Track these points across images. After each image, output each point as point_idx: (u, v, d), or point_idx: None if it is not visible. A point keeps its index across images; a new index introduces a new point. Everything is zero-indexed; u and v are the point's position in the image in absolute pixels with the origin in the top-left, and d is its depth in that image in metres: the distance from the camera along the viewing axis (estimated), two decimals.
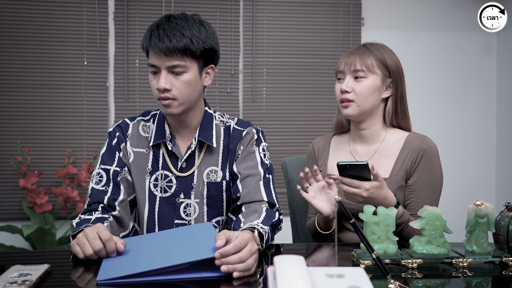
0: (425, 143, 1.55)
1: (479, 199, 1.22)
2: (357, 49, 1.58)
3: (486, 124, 3.52)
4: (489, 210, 1.17)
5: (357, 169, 1.33)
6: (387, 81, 1.56)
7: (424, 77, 3.44)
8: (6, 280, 0.98)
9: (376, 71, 1.54)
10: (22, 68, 3.06)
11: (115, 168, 1.45)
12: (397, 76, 1.57)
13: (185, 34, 1.37)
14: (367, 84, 1.53)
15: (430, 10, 3.43)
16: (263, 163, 1.50)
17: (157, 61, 1.38)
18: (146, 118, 1.54)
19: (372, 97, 1.54)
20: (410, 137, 1.58)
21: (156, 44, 1.36)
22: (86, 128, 3.12)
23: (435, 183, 1.54)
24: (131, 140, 1.49)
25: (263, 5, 3.27)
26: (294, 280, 0.78)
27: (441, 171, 1.58)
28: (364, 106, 1.54)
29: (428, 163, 1.53)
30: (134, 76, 3.15)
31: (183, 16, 1.45)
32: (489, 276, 1.12)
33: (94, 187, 1.43)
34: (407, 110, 1.63)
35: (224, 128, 1.54)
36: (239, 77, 3.25)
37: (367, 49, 1.56)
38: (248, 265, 1.04)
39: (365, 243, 0.99)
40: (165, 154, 1.48)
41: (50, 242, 2.81)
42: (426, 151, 1.54)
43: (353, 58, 1.55)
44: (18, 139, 3.03)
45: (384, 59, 1.55)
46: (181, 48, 1.36)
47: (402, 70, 1.60)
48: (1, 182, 3.04)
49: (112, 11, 3.14)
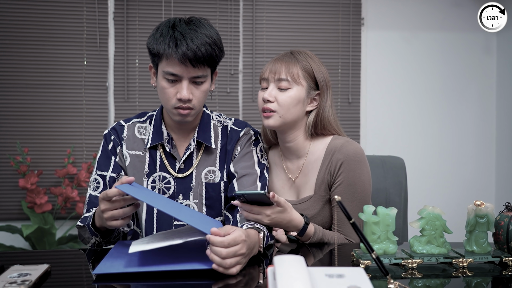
0: (342, 152, 1.45)
1: (479, 199, 1.22)
2: (283, 56, 1.50)
3: (486, 124, 3.52)
4: (489, 210, 1.17)
5: (256, 198, 1.24)
6: (313, 93, 1.49)
7: (423, 77, 3.44)
8: (5, 280, 0.98)
9: (302, 82, 1.46)
10: (21, 68, 3.06)
11: (110, 174, 1.45)
12: (324, 88, 1.50)
13: (210, 44, 1.33)
14: (291, 95, 1.45)
15: (430, 10, 3.43)
16: (260, 163, 1.50)
17: (179, 71, 1.33)
18: (142, 120, 1.53)
19: (295, 109, 1.46)
20: (330, 146, 1.48)
21: (183, 54, 1.30)
22: (86, 128, 3.12)
23: (354, 190, 1.44)
24: (126, 143, 1.49)
25: (263, 5, 3.27)
26: (294, 280, 0.78)
27: (364, 178, 1.46)
28: (286, 117, 1.45)
29: (346, 172, 1.44)
30: (134, 76, 3.15)
31: (199, 22, 1.38)
32: (489, 276, 1.12)
33: (91, 194, 1.44)
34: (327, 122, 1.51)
35: (221, 128, 1.53)
36: (239, 77, 3.24)
37: (294, 58, 1.48)
38: (225, 263, 1.04)
39: (365, 243, 0.99)
40: (163, 155, 1.48)
41: (50, 242, 2.81)
42: (344, 160, 1.44)
43: (279, 66, 1.47)
44: (18, 139, 3.03)
45: (311, 70, 1.48)
46: (208, 59, 1.34)
47: (329, 82, 1.52)
48: (1, 182, 3.04)
49: (112, 11, 3.14)
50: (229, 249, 1.04)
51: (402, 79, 3.43)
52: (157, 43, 1.34)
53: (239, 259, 1.06)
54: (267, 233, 1.29)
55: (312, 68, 1.49)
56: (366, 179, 1.46)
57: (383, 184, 1.89)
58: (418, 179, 3.14)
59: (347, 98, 3.33)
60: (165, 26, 1.35)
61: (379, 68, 3.40)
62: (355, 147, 1.47)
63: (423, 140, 3.45)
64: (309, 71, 1.48)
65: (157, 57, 1.36)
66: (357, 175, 1.44)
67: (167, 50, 1.31)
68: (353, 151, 1.45)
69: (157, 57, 1.36)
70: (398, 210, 1.42)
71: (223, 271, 1.04)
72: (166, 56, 1.32)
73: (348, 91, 3.33)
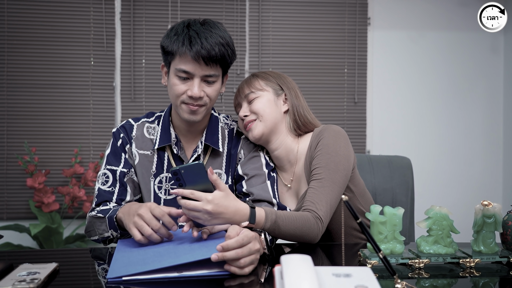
0: (320, 135, 1.45)
1: (486, 199, 1.22)
2: (244, 81, 1.57)
3: (493, 124, 3.50)
4: (497, 210, 1.17)
5: (193, 172, 1.12)
6: (280, 93, 1.55)
7: (430, 76, 3.43)
8: (15, 278, 0.99)
9: (266, 88, 1.53)
10: (29, 68, 3.08)
11: (122, 169, 1.46)
12: (288, 87, 1.56)
13: (224, 45, 1.36)
14: (261, 100, 1.50)
15: (437, 10, 3.42)
16: (268, 164, 1.51)
17: (192, 68, 1.36)
18: (151, 120, 1.54)
19: (270, 109, 1.50)
20: (312, 136, 1.49)
21: (197, 52, 1.33)
22: (93, 127, 3.13)
23: (327, 160, 1.39)
24: (136, 142, 1.50)
25: (269, 5, 3.27)
26: (301, 279, 0.78)
27: (340, 150, 1.42)
28: (266, 119, 1.48)
29: (322, 141, 1.43)
30: (140, 76, 3.17)
31: (213, 23, 1.41)
32: (496, 277, 1.12)
33: (100, 188, 1.44)
34: (306, 116, 1.54)
35: (228, 131, 1.55)
36: (245, 77, 3.25)
37: (252, 76, 1.57)
38: (239, 263, 1.03)
39: (372, 242, 0.99)
40: (170, 157, 1.49)
41: (57, 241, 2.83)
42: (321, 136, 1.44)
43: (241, 87, 1.55)
44: (26, 139, 3.05)
45: (269, 78, 1.55)
46: (221, 59, 1.36)
47: (290, 81, 1.58)
48: (9, 181, 3.06)
49: (119, 11, 3.15)
50: (243, 248, 1.04)
51: (408, 79, 3.42)
52: (172, 41, 1.37)
53: (253, 257, 1.06)
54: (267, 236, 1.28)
55: (268, 76, 1.56)
56: (342, 152, 1.42)
57: (389, 184, 1.88)
58: (424, 179, 3.14)
59: (353, 98, 3.33)
60: (180, 26, 1.38)
61: (385, 68, 3.39)
62: (333, 126, 1.49)
63: (429, 140, 3.43)
64: (268, 78, 1.55)
65: (170, 55, 1.39)
66: (332, 145, 1.41)
67: (181, 48, 1.34)
68: (332, 127, 1.47)
69: (171, 55, 1.38)
70: (405, 210, 1.42)
71: (238, 272, 1.04)
72: (180, 53, 1.35)
73: (354, 91, 3.33)
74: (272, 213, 1.26)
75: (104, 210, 1.37)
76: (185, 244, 1.17)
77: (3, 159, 3.05)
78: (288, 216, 1.28)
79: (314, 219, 1.32)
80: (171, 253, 1.10)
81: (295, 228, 1.28)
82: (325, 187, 1.37)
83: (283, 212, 1.29)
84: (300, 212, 1.33)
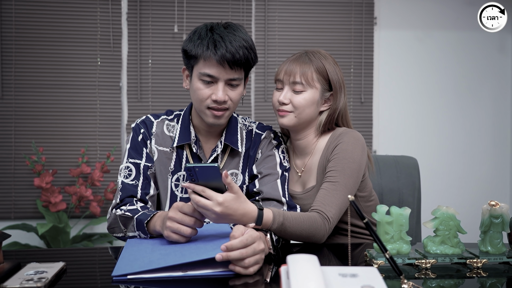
0: (339, 139, 1.47)
1: (494, 199, 1.21)
2: (298, 57, 1.51)
3: (500, 124, 3.48)
4: (504, 210, 1.16)
5: (208, 173, 1.13)
6: (327, 94, 1.52)
7: (437, 76, 3.41)
8: (22, 277, 0.99)
9: (316, 85, 1.49)
10: (36, 68, 3.09)
11: (145, 163, 1.46)
12: (338, 89, 1.52)
13: (247, 48, 1.36)
14: (305, 97, 1.48)
15: (443, 9, 3.40)
16: (282, 164, 1.51)
17: (217, 72, 1.35)
18: (170, 118, 1.55)
19: (310, 109, 1.49)
20: (331, 137, 1.51)
21: (222, 55, 1.32)
22: (100, 127, 3.15)
23: (344, 165, 1.42)
24: (155, 138, 1.50)
25: (275, 5, 3.27)
26: (307, 279, 0.78)
27: (356, 156, 1.44)
28: (301, 117, 1.49)
29: (340, 146, 1.45)
30: (147, 76, 3.17)
31: (236, 27, 1.41)
32: (503, 277, 1.11)
33: (124, 181, 1.43)
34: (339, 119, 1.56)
35: (246, 132, 1.55)
36: (251, 77, 3.25)
37: (308, 59, 1.50)
38: (244, 263, 1.03)
39: (379, 242, 0.99)
40: (189, 155, 1.49)
41: (64, 240, 2.85)
42: (340, 140, 1.46)
43: (293, 68, 1.49)
44: (33, 139, 3.07)
45: (325, 71, 1.50)
46: (245, 62, 1.36)
47: (343, 82, 1.54)
48: (16, 181, 3.08)
49: (125, 11, 3.16)
50: (247, 248, 1.04)
51: (415, 79, 3.41)
52: (195, 45, 1.36)
53: (258, 257, 1.07)
54: (273, 236, 1.28)
55: (326, 69, 1.51)
56: (358, 159, 1.44)
57: (396, 184, 1.88)
58: (431, 179, 3.12)
59: (360, 97, 3.32)
60: (203, 29, 1.38)
61: (391, 67, 3.38)
62: (354, 131, 1.50)
63: (436, 140, 3.42)
64: (323, 73, 1.50)
65: (193, 59, 1.39)
66: (350, 151, 1.44)
67: (206, 52, 1.34)
68: (352, 133, 1.49)
69: (194, 59, 1.38)
70: (411, 210, 1.41)
71: (243, 272, 1.04)
72: (204, 57, 1.35)
73: (361, 90, 3.32)
74: (280, 215, 1.27)
75: (133, 210, 1.35)
76: (191, 244, 1.17)
77: (11, 159, 3.07)
78: (295, 218, 1.30)
79: (322, 220, 1.34)
80: (177, 253, 1.11)
81: (302, 230, 1.30)
82: (338, 191, 1.39)
83: (291, 213, 1.30)
84: (308, 213, 1.35)
